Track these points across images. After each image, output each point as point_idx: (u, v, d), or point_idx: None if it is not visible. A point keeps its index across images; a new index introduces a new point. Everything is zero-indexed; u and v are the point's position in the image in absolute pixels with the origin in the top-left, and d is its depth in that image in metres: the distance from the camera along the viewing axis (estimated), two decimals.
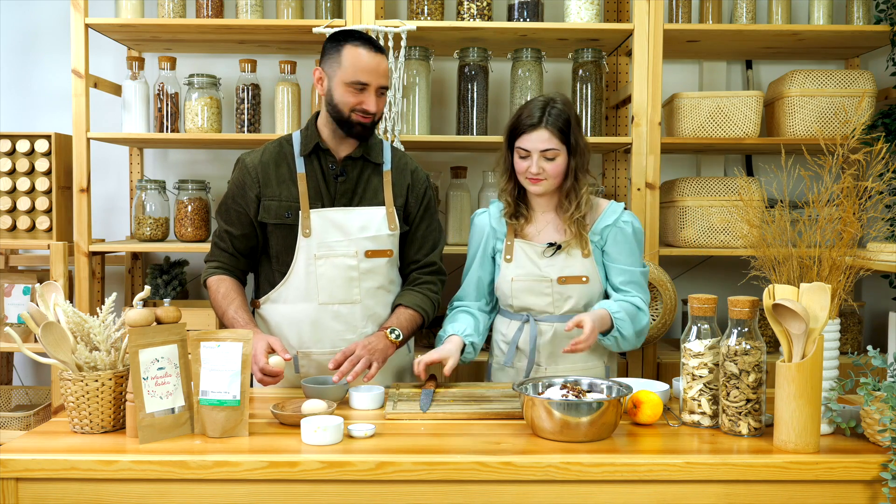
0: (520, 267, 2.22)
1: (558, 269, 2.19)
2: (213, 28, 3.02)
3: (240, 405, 1.72)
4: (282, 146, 2.22)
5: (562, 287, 2.19)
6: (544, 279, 2.19)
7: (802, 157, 2.05)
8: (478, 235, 2.31)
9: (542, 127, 2.11)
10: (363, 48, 2.09)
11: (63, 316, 1.78)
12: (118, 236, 3.50)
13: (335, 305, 2.17)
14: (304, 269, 2.16)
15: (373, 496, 1.60)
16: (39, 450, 1.63)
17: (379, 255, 2.19)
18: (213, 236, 2.28)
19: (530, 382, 1.87)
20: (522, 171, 2.16)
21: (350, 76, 2.08)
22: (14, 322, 3.13)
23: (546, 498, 1.60)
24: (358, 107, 2.09)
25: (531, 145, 2.12)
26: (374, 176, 2.22)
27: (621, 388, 1.82)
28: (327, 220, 2.16)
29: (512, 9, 3.04)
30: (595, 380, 1.89)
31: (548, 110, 2.13)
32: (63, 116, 3.32)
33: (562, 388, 1.83)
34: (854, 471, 1.60)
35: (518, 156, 2.16)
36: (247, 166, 2.20)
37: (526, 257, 2.22)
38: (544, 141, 2.11)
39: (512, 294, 2.22)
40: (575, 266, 2.19)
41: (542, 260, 2.20)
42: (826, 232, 1.81)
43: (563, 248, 2.20)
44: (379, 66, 2.10)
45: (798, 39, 3.14)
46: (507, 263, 2.23)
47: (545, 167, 2.13)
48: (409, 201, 2.25)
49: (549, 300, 2.20)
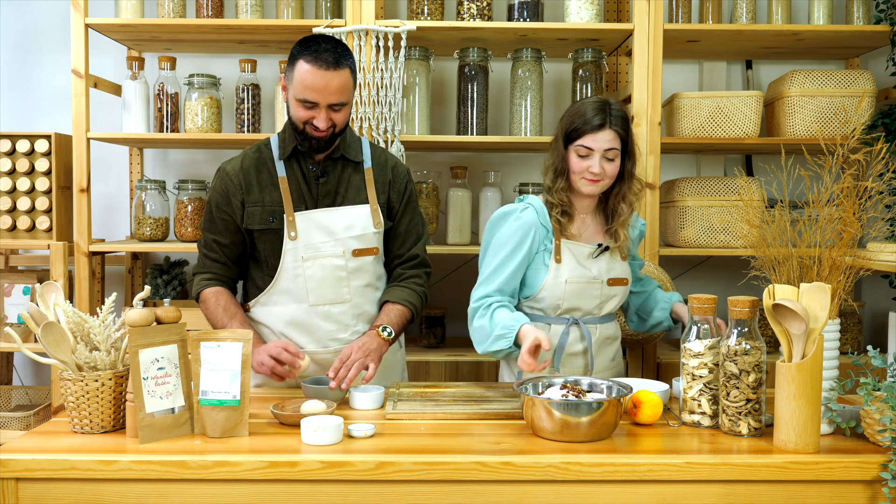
0: (571, 269, 2.18)
1: (606, 271, 2.21)
2: (213, 28, 3.02)
3: (240, 405, 1.72)
4: (260, 151, 2.21)
5: (610, 288, 2.22)
6: (596, 280, 2.19)
7: (802, 157, 2.05)
8: (519, 233, 2.16)
9: (608, 127, 2.11)
10: (314, 65, 2.01)
11: (63, 316, 1.78)
12: (118, 236, 3.50)
13: (325, 306, 2.17)
14: (291, 272, 2.15)
15: (373, 496, 1.60)
16: (39, 450, 1.63)
17: (366, 254, 2.19)
18: (201, 247, 2.24)
19: (530, 382, 1.87)
20: (581, 170, 2.13)
21: (299, 93, 2.04)
22: (14, 322, 3.13)
23: (546, 498, 1.60)
24: (309, 121, 2.07)
25: (596, 145, 2.11)
26: (354, 175, 2.21)
27: (621, 388, 1.82)
28: (312, 222, 2.15)
29: (512, 9, 3.04)
30: (595, 380, 1.90)
31: (610, 111, 2.12)
32: (63, 116, 3.33)
33: (562, 388, 1.84)
34: (854, 471, 1.60)
35: (577, 155, 2.14)
36: (228, 174, 2.18)
37: (574, 259, 2.19)
38: (608, 141, 2.11)
39: (564, 295, 2.17)
40: (617, 268, 2.24)
41: (588, 261, 2.20)
42: (826, 232, 1.81)
43: (609, 249, 2.23)
44: (329, 85, 2.02)
45: (798, 39, 3.14)
46: (556, 264, 2.17)
47: (605, 167, 2.13)
48: (392, 197, 2.25)
49: (597, 301, 2.21)
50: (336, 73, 2.03)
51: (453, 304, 3.48)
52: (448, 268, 3.47)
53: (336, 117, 2.08)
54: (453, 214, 3.17)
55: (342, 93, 2.05)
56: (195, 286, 2.24)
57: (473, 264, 3.49)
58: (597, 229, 2.25)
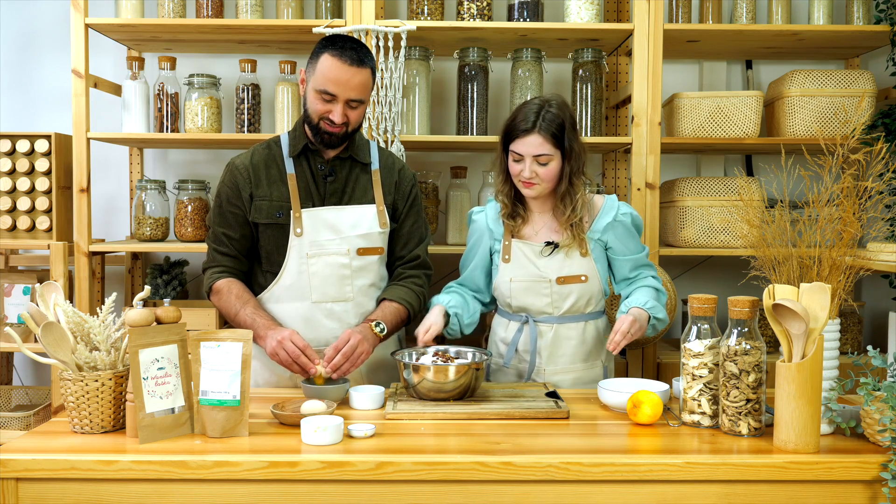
0: (518, 267, 2.22)
1: (557, 269, 2.20)
2: (213, 28, 3.02)
3: (240, 405, 1.73)
4: (270, 148, 2.24)
5: (560, 287, 2.20)
6: (543, 279, 2.20)
7: (802, 157, 2.05)
8: (475, 235, 2.33)
9: (536, 132, 2.11)
10: (339, 59, 2.06)
11: (63, 316, 1.78)
12: (118, 236, 3.50)
13: (328, 303, 2.18)
14: (296, 268, 2.16)
15: (373, 496, 1.60)
16: (39, 450, 1.63)
17: (370, 253, 2.20)
18: (211, 242, 2.25)
19: (408, 350, 2.12)
20: (516, 173, 2.18)
21: (320, 84, 2.08)
22: (14, 322, 3.13)
23: (546, 498, 1.60)
24: (325, 115, 2.10)
25: (524, 150, 2.13)
26: (362, 175, 2.23)
27: (483, 355, 2.08)
28: (319, 220, 2.17)
29: (512, 9, 3.04)
30: (466, 349, 2.11)
31: (542, 114, 2.12)
32: (63, 116, 3.33)
33: (434, 356, 2.10)
34: (854, 471, 1.60)
35: (512, 159, 2.17)
36: (238, 167, 2.21)
37: (524, 257, 2.22)
38: (537, 146, 2.12)
39: (511, 294, 2.23)
40: (573, 265, 2.20)
41: (540, 260, 2.21)
42: (826, 232, 1.81)
43: (560, 247, 2.21)
44: (351, 80, 2.07)
45: (798, 39, 3.14)
46: (504, 264, 2.24)
47: (538, 171, 2.13)
48: (397, 199, 2.27)
49: (547, 300, 2.21)
50: (359, 71, 2.07)
51: None
52: (448, 268, 3.47)
53: (351, 115, 2.11)
54: (453, 214, 3.17)
55: (362, 90, 2.10)
56: (207, 280, 2.24)
57: None
58: (554, 228, 2.24)
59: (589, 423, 1.86)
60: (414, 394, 2.00)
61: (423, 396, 1.98)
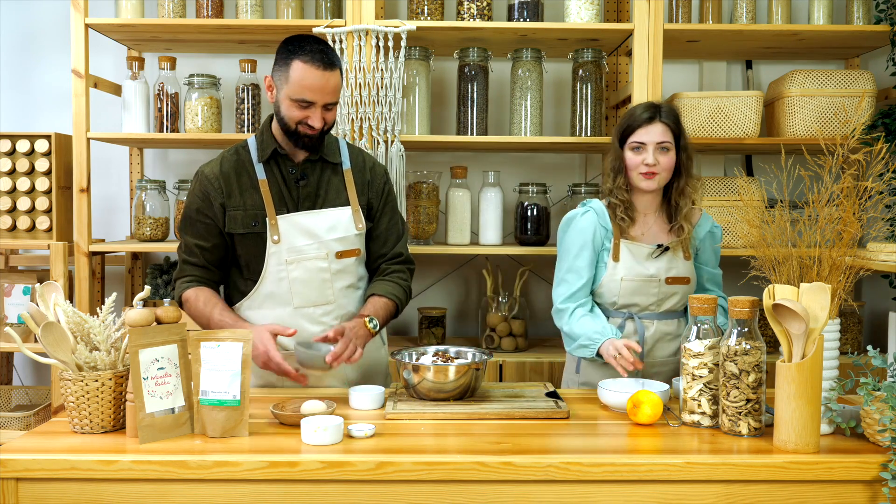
0: (628, 267, 2.27)
1: (665, 270, 2.28)
2: (213, 28, 3.02)
3: (240, 405, 1.73)
4: (239, 154, 2.19)
5: (668, 287, 2.28)
6: (653, 279, 2.27)
7: (802, 157, 2.05)
8: (583, 236, 2.30)
9: (658, 120, 2.23)
10: (311, 65, 2.03)
11: (63, 316, 1.78)
12: (118, 236, 3.50)
13: (310, 308, 2.17)
14: (275, 275, 2.15)
15: (373, 496, 1.60)
16: (39, 450, 1.63)
17: (348, 255, 2.19)
18: (182, 253, 2.22)
19: (406, 350, 2.10)
20: (636, 164, 2.24)
21: (296, 93, 2.05)
22: (14, 322, 3.13)
23: (546, 498, 1.60)
24: (303, 120, 2.08)
25: (647, 137, 2.22)
26: (334, 177, 2.21)
27: (483, 354, 2.08)
28: (295, 225, 2.15)
29: (512, 9, 3.04)
30: (466, 349, 2.12)
31: (660, 108, 2.26)
32: (63, 116, 3.33)
33: (434, 356, 2.10)
34: (854, 471, 1.60)
35: (631, 150, 2.24)
36: (207, 177, 2.17)
37: (633, 258, 2.28)
38: (660, 133, 2.22)
39: (619, 293, 2.28)
40: (679, 267, 2.29)
41: (647, 261, 2.27)
42: (826, 232, 1.81)
43: (669, 250, 2.28)
44: (326, 84, 2.05)
45: (798, 39, 3.14)
46: (614, 263, 2.28)
47: (660, 159, 2.22)
48: (371, 198, 2.25)
49: (654, 299, 2.29)
50: (332, 74, 2.06)
51: (453, 304, 3.48)
52: (448, 268, 3.47)
53: (328, 116, 2.10)
54: (453, 214, 3.17)
55: (336, 92, 2.09)
56: (176, 291, 2.21)
57: (474, 264, 3.50)
58: (660, 230, 2.32)
59: (589, 423, 1.86)
60: (414, 394, 2.00)
61: (423, 396, 1.98)
